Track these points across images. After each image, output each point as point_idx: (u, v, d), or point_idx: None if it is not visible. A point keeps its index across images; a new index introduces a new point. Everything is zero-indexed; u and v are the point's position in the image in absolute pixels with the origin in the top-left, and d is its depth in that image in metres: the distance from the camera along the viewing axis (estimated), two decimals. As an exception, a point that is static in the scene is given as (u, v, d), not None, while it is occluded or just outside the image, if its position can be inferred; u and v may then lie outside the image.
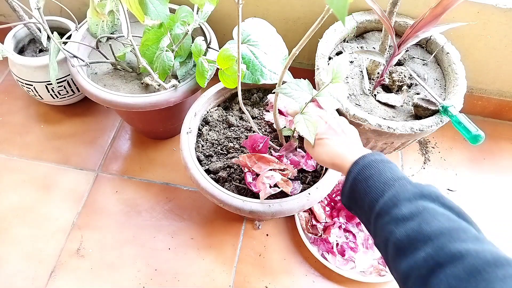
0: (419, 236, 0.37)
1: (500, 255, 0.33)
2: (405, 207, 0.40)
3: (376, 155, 0.49)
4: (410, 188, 0.42)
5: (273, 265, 0.82)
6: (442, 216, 0.38)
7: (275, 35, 0.67)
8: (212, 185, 0.63)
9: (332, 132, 0.56)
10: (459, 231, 0.36)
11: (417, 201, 0.40)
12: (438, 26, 0.70)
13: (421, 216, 0.38)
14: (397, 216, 0.39)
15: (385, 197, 0.42)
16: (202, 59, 0.67)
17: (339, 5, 0.23)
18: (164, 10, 0.65)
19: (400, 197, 0.41)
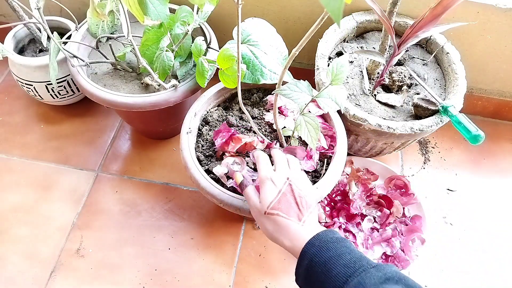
0: None
1: None
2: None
3: (329, 233, 0.47)
4: (374, 272, 0.41)
5: (273, 265, 0.83)
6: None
7: (275, 35, 0.67)
8: (212, 185, 0.63)
9: (287, 206, 0.50)
10: None
11: (384, 285, 0.39)
12: (438, 26, 0.70)
13: None
14: None
15: (349, 284, 0.40)
16: (202, 59, 0.67)
17: (334, 7, 0.22)
18: (164, 10, 0.65)
19: (366, 283, 0.40)
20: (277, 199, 0.51)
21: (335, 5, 0.22)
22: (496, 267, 0.85)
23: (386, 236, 0.83)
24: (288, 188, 0.52)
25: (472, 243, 0.88)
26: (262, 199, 0.52)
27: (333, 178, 0.66)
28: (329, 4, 0.22)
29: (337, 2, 0.22)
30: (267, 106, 0.76)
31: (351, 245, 0.46)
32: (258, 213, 0.53)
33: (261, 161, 0.57)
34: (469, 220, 0.91)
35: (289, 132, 0.69)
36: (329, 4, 0.22)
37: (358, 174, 0.89)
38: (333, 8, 0.22)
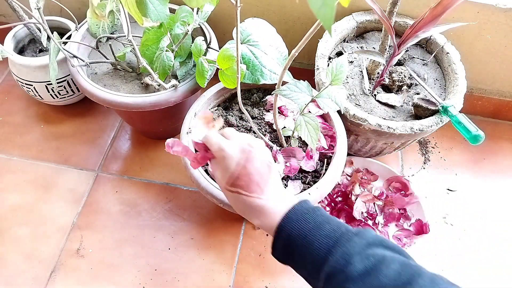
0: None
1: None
2: (358, 262, 0.39)
3: (303, 204, 0.46)
4: (356, 240, 0.41)
5: (273, 265, 0.82)
6: (393, 262, 0.38)
7: (275, 35, 0.67)
8: (212, 185, 0.63)
9: (246, 180, 0.46)
10: (415, 276, 0.36)
11: (366, 252, 0.40)
12: (438, 26, 0.70)
13: (376, 269, 0.38)
14: (353, 274, 0.38)
15: (334, 255, 0.40)
16: (202, 59, 0.67)
17: (326, 17, 0.22)
18: (164, 10, 0.65)
19: (350, 252, 0.40)
20: (236, 174, 0.47)
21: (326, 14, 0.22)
22: (496, 267, 0.85)
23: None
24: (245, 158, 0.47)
25: (472, 243, 0.88)
26: (221, 176, 0.49)
27: (333, 178, 0.66)
28: (320, 12, 0.22)
29: (328, 11, 0.22)
30: (267, 106, 0.76)
31: (325, 212, 0.46)
32: (223, 189, 0.49)
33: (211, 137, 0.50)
34: (469, 220, 0.91)
35: (289, 132, 0.69)
36: (319, 12, 0.22)
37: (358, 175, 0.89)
38: (324, 17, 0.22)
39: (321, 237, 0.42)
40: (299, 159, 0.68)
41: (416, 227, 0.84)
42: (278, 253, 0.46)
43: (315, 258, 0.41)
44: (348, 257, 0.39)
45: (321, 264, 0.41)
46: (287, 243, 0.44)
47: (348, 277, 0.38)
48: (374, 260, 0.39)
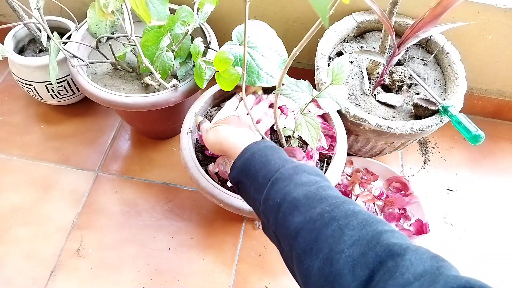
0: (316, 197, 0.40)
1: (382, 219, 0.39)
2: (306, 177, 0.43)
3: (274, 143, 0.52)
4: (309, 166, 0.46)
5: (273, 265, 0.82)
6: (334, 189, 0.43)
7: (274, 37, 0.67)
8: (212, 185, 0.63)
9: (229, 122, 0.57)
10: (350, 200, 0.40)
11: (314, 176, 0.44)
12: (438, 26, 0.70)
13: (318, 185, 0.42)
14: (297, 181, 0.43)
15: (287, 166, 0.45)
16: (200, 61, 0.66)
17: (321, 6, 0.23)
18: (164, 10, 0.65)
19: (302, 168, 0.45)
20: (223, 118, 0.58)
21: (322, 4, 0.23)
22: (496, 267, 0.85)
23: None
24: (235, 117, 0.59)
25: (472, 243, 0.88)
26: (212, 121, 0.60)
27: (333, 178, 0.65)
28: (316, 3, 0.23)
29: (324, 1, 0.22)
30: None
31: None
32: (206, 132, 0.59)
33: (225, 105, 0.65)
34: (469, 220, 0.91)
35: (289, 132, 0.69)
36: (316, 3, 0.23)
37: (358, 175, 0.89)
38: (320, 7, 0.23)
39: (280, 159, 0.47)
40: (299, 159, 0.67)
41: (416, 227, 0.84)
42: (235, 171, 0.49)
43: (268, 171, 0.46)
44: (298, 170, 0.44)
45: (271, 175, 0.45)
46: (247, 160, 0.48)
47: (291, 182, 0.43)
48: (318, 180, 0.43)
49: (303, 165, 0.46)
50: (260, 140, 0.51)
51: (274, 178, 0.44)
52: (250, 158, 0.48)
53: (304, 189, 0.41)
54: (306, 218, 0.38)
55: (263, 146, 0.49)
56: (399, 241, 0.33)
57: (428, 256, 0.31)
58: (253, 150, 0.49)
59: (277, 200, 0.42)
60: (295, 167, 0.45)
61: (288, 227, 0.39)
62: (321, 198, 0.40)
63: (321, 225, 0.37)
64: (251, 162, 0.47)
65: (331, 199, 0.39)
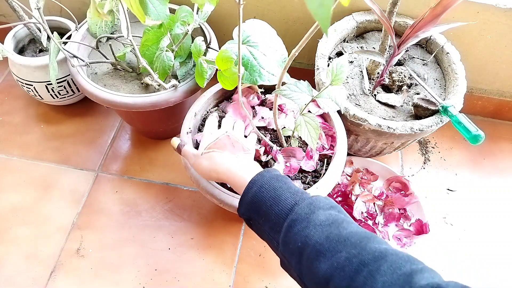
0: (339, 238, 0.39)
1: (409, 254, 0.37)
2: (322, 214, 0.42)
3: (277, 171, 0.51)
4: (322, 199, 0.45)
5: (273, 265, 0.82)
6: (353, 224, 0.41)
7: (275, 37, 0.67)
8: (212, 185, 0.63)
9: (222, 146, 0.55)
10: (371, 235, 0.39)
11: (329, 210, 0.43)
12: (438, 26, 0.70)
13: (337, 223, 0.41)
14: (315, 222, 0.41)
15: (301, 205, 0.44)
16: (201, 60, 0.67)
17: (323, 17, 0.22)
18: (164, 10, 0.65)
19: (316, 205, 0.43)
20: (213, 143, 0.56)
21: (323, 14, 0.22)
22: (496, 267, 0.85)
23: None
24: (225, 136, 0.57)
25: (472, 243, 0.88)
26: (200, 145, 0.58)
27: (333, 178, 0.66)
28: (317, 13, 0.22)
29: (325, 11, 0.22)
30: (267, 104, 0.76)
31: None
32: (195, 158, 0.56)
33: (208, 122, 0.63)
34: (469, 220, 0.91)
35: (289, 132, 0.69)
36: (317, 13, 0.22)
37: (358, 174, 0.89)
38: (321, 17, 0.22)
39: (290, 193, 0.46)
40: (299, 159, 0.68)
41: (416, 227, 0.84)
42: (244, 207, 0.48)
43: (281, 210, 0.44)
44: (313, 208, 0.43)
45: (286, 215, 0.44)
46: (256, 196, 0.46)
47: (310, 223, 0.41)
48: (335, 217, 0.42)
49: (316, 199, 0.44)
50: (264, 170, 0.50)
51: (290, 220, 0.43)
52: (258, 194, 0.46)
53: (325, 230, 0.40)
54: (334, 264, 0.37)
55: (269, 177, 0.48)
56: (430, 281, 0.33)
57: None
58: (260, 184, 0.47)
59: (298, 244, 0.41)
60: (310, 205, 0.43)
61: (316, 273, 0.39)
62: (344, 240, 0.39)
63: (351, 271, 0.36)
64: (260, 198, 0.46)
65: (354, 238, 0.39)
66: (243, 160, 0.54)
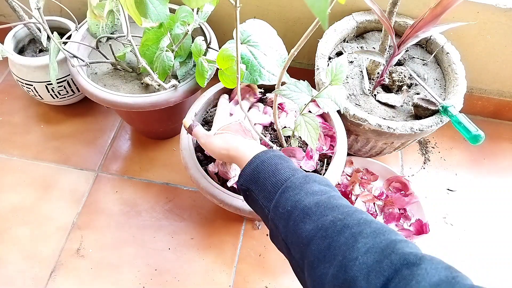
0: (328, 205, 0.40)
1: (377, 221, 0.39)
2: (316, 186, 0.44)
3: (279, 152, 0.53)
4: (320, 176, 0.47)
5: (273, 265, 0.83)
6: (345, 200, 0.43)
7: (275, 37, 0.67)
8: (212, 185, 0.63)
9: (234, 130, 0.58)
10: (361, 210, 0.40)
11: (324, 186, 0.45)
12: (438, 26, 0.70)
13: (329, 194, 0.42)
14: (307, 190, 0.43)
15: (296, 175, 0.46)
16: (201, 59, 0.67)
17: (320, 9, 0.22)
18: (164, 10, 0.65)
19: (312, 178, 0.45)
20: (226, 126, 0.60)
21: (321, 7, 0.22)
22: (496, 267, 0.85)
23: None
24: (238, 124, 0.60)
25: (472, 243, 0.88)
26: (213, 126, 0.62)
27: (333, 178, 0.65)
28: (315, 6, 0.22)
29: (322, 3, 0.22)
30: (267, 103, 0.76)
31: None
32: (207, 137, 0.58)
33: (220, 106, 0.67)
34: (469, 220, 0.91)
35: (289, 132, 0.69)
36: (314, 6, 0.22)
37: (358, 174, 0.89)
38: (318, 10, 0.22)
39: (289, 168, 0.47)
40: (299, 159, 0.67)
41: (416, 227, 0.84)
42: (243, 178, 0.49)
43: (278, 179, 0.46)
44: (308, 179, 0.45)
45: (281, 183, 0.45)
46: (256, 169, 0.48)
47: (302, 191, 0.43)
48: (329, 190, 0.44)
49: (313, 174, 0.46)
50: (269, 149, 0.52)
51: (285, 186, 0.44)
52: (260, 166, 0.48)
53: (315, 198, 0.42)
54: (318, 225, 0.38)
55: (272, 155, 0.50)
56: (414, 251, 0.33)
57: (443, 266, 0.31)
58: (262, 159, 0.49)
59: (288, 208, 0.42)
60: (305, 176, 0.45)
61: (300, 234, 0.39)
62: (332, 207, 0.40)
63: (334, 232, 0.37)
64: (260, 170, 0.48)
65: (343, 208, 0.40)
66: (253, 142, 0.56)
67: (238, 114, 0.67)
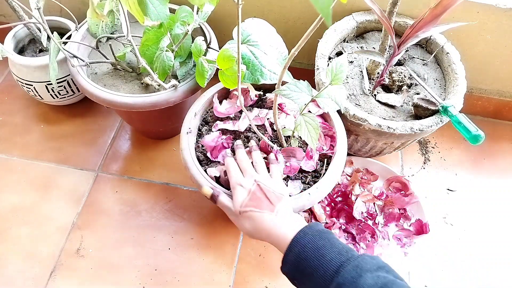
0: None
1: None
2: (369, 277, 0.41)
3: (319, 225, 0.49)
4: (368, 259, 0.43)
5: (273, 265, 0.82)
6: (402, 286, 0.40)
7: (275, 35, 0.67)
8: (212, 185, 0.63)
9: (258, 201, 0.54)
10: None
11: (377, 272, 0.42)
12: (438, 26, 0.70)
13: (386, 286, 0.40)
14: (363, 286, 0.40)
15: (347, 267, 0.42)
16: (202, 59, 0.67)
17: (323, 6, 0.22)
18: (164, 10, 0.65)
19: (363, 268, 0.42)
20: (248, 198, 0.55)
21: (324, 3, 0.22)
22: (496, 267, 0.85)
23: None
24: (257, 187, 0.56)
25: (472, 243, 0.88)
26: (235, 202, 0.56)
27: (333, 178, 0.65)
28: (318, 2, 0.22)
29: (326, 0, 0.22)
30: (267, 104, 0.76)
31: (337, 237, 0.48)
32: (235, 216, 0.56)
33: (231, 169, 0.61)
34: (469, 220, 0.91)
35: (289, 132, 0.69)
36: (317, 2, 0.22)
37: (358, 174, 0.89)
38: (322, 6, 0.22)
39: (334, 252, 0.44)
40: (299, 159, 0.67)
41: (416, 227, 0.84)
42: (288, 267, 0.47)
43: (326, 271, 0.43)
44: (360, 270, 0.41)
45: (331, 277, 0.42)
46: (299, 254, 0.45)
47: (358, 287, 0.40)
48: (384, 280, 0.40)
49: (362, 259, 0.43)
50: (306, 227, 0.49)
51: (337, 284, 0.42)
52: (302, 253, 0.46)
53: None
54: None
55: (311, 235, 0.47)
56: None
57: None
58: (303, 243, 0.46)
59: None
60: (356, 268, 0.42)
61: None
62: None
63: None
64: (304, 258, 0.45)
65: None
66: (283, 216, 0.53)
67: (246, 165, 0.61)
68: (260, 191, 0.56)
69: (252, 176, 0.58)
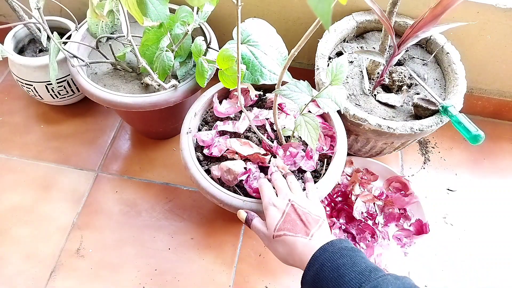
0: None
1: None
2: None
3: (343, 241, 0.47)
4: (391, 279, 0.40)
5: (273, 265, 0.82)
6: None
7: (275, 35, 0.67)
8: (212, 185, 0.63)
9: (292, 224, 0.51)
10: None
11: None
12: (438, 26, 0.70)
13: None
14: None
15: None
16: (202, 59, 0.67)
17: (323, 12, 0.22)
18: (164, 10, 0.65)
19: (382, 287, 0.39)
20: (282, 221, 0.52)
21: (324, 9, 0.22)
22: (496, 267, 0.85)
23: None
24: (291, 208, 0.53)
25: (472, 243, 0.88)
26: (268, 224, 0.54)
27: (333, 178, 0.65)
28: (318, 8, 0.22)
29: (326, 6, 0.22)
30: (267, 104, 0.76)
31: (364, 254, 0.45)
32: (268, 240, 0.53)
33: (264, 189, 0.59)
34: (469, 220, 0.91)
35: (289, 132, 0.69)
36: (317, 8, 0.22)
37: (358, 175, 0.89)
38: (322, 12, 0.22)
39: (354, 272, 0.41)
40: (297, 151, 0.67)
41: (416, 227, 0.84)
42: (306, 285, 0.45)
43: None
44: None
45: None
46: (318, 273, 0.43)
47: None
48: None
49: (383, 281, 0.40)
50: (327, 244, 0.46)
51: None
52: (320, 273, 0.43)
53: None
54: None
55: (331, 252, 0.44)
56: None
57: None
58: (321, 261, 0.44)
59: None
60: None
61: None
62: None
63: None
64: (322, 277, 0.43)
65: None
66: (317, 240, 0.49)
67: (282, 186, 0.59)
68: (295, 213, 0.53)
69: (286, 195, 0.56)
